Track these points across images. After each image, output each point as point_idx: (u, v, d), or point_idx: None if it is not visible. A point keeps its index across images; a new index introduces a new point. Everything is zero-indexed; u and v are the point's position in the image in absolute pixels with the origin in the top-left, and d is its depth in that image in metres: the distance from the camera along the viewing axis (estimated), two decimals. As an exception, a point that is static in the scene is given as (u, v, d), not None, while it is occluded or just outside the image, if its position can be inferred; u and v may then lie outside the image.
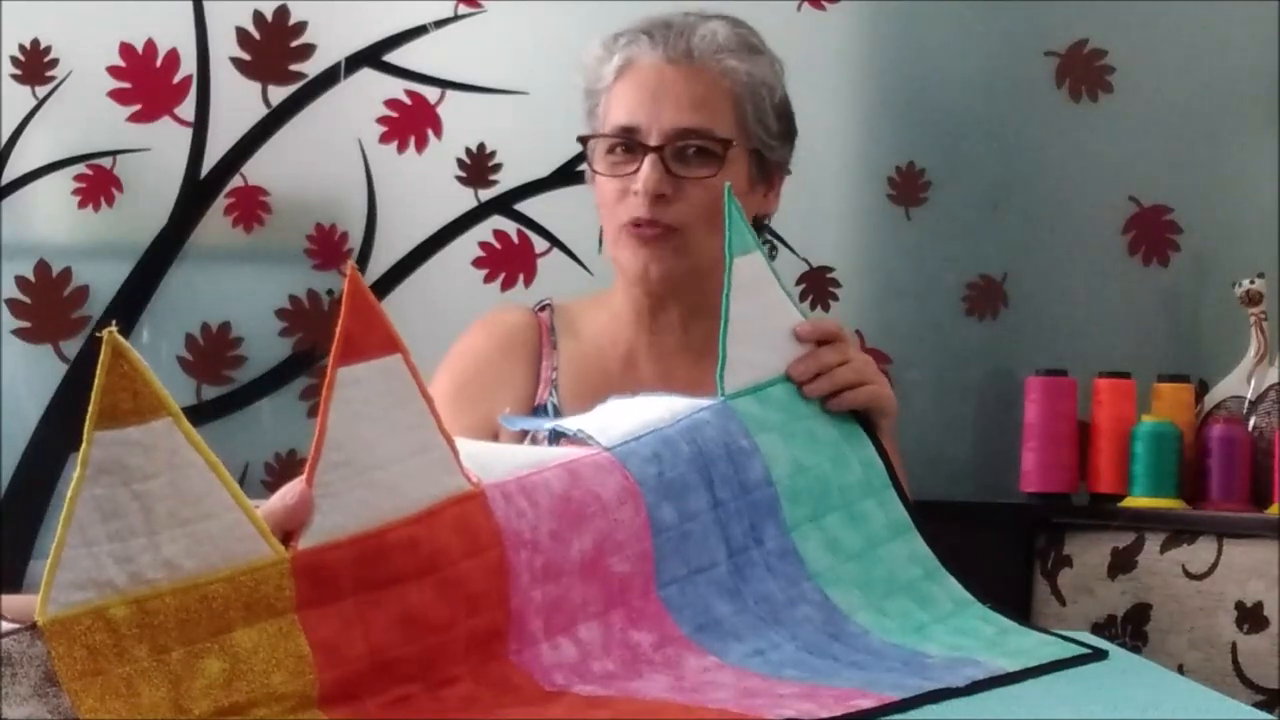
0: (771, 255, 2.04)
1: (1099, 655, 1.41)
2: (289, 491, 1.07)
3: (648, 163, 1.83)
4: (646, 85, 1.87)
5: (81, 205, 2.63)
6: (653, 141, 1.84)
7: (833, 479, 1.46)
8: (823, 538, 1.42)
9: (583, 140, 1.92)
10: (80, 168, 2.64)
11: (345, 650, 1.06)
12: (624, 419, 1.39)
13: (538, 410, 1.94)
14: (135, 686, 0.96)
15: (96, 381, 0.97)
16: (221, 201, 2.64)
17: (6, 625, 0.97)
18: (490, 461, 1.24)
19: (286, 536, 1.07)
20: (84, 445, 0.97)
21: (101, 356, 0.97)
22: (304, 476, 1.08)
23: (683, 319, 1.96)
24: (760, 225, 2.02)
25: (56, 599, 0.97)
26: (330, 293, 2.64)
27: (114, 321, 1.00)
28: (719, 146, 1.86)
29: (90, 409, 0.97)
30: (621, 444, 1.34)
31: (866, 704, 1.16)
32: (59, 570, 0.97)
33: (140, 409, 0.98)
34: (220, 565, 1.01)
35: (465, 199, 2.67)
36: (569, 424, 1.41)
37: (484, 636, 1.16)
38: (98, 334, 0.97)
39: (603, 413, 1.44)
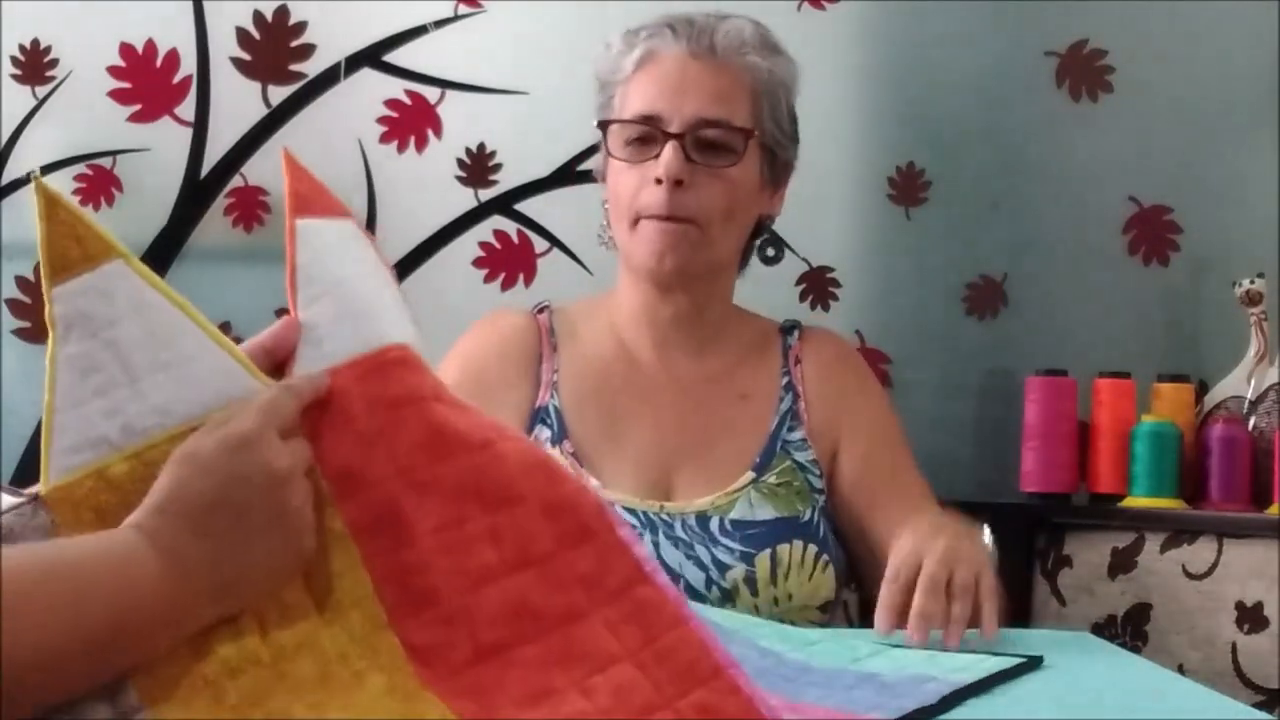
0: (777, 257, 2.04)
1: (1034, 663, 1.41)
2: (271, 328, 1.04)
3: (669, 149, 1.83)
4: (669, 76, 1.88)
5: (81, 205, 2.62)
6: (674, 129, 1.85)
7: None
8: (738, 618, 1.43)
9: (602, 125, 1.91)
10: (80, 168, 2.64)
11: (368, 473, 0.98)
12: None
13: (539, 413, 1.93)
14: None
15: (39, 235, 0.95)
16: (221, 201, 2.64)
17: (6, 499, 0.95)
18: None
19: (278, 370, 1.02)
20: (46, 307, 0.95)
21: (36, 207, 0.96)
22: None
23: (688, 314, 1.97)
24: (764, 226, 2.02)
25: (56, 466, 0.95)
26: (330, 293, 2.64)
27: (38, 168, 0.97)
28: (739, 138, 1.86)
29: (41, 265, 0.95)
30: None
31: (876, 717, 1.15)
32: (53, 437, 0.94)
33: (89, 254, 0.96)
34: (213, 405, 0.96)
35: (465, 199, 2.67)
36: None
37: (538, 460, 1.04)
38: (30, 175, 0.94)
39: None
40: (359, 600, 0.97)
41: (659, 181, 1.84)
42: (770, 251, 2.05)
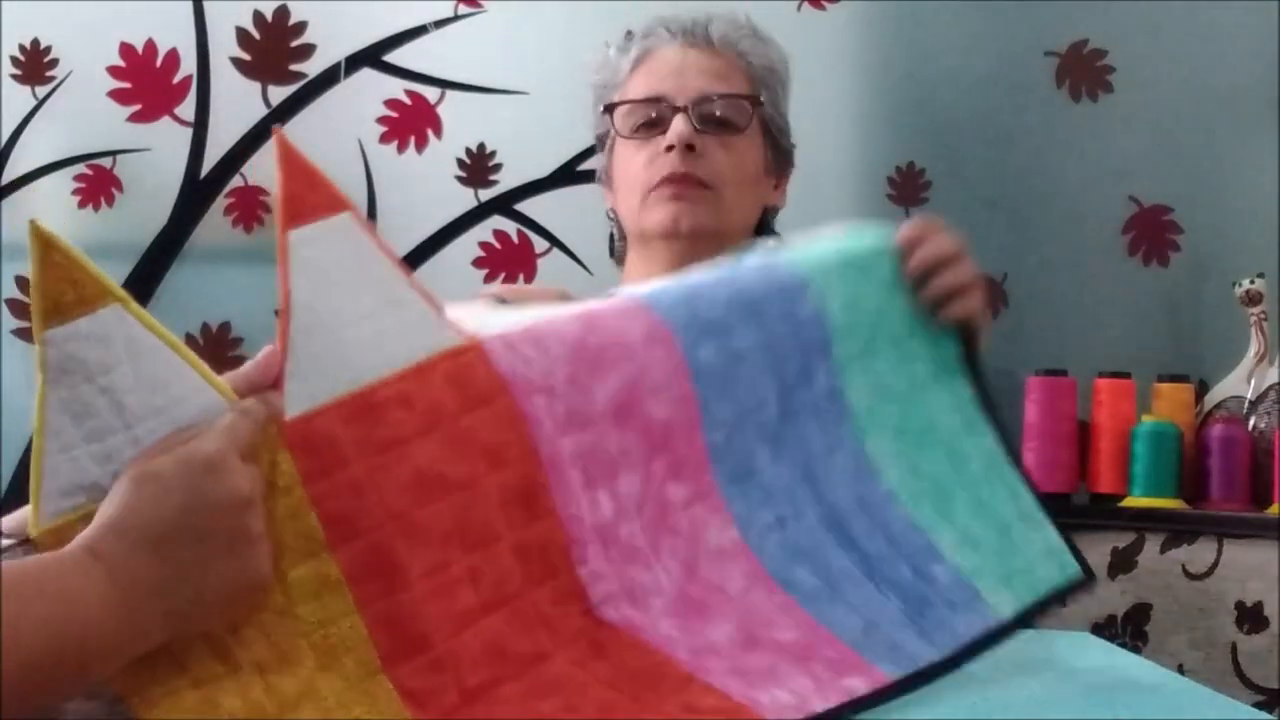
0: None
1: (1088, 580, 1.40)
2: (257, 359, 1.03)
3: (678, 119, 1.84)
4: (669, 64, 1.89)
5: (81, 205, 2.63)
6: (680, 103, 1.85)
7: (886, 313, 1.38)
8: (869, 379, 1.35)
9: (610, 109, 1.92)
10: (80, 168, 2.65)
11: (361, 520, 0.99)
12: (664, 282, 1.32)
13: None
14: None
15: (32, 278, 0.93)
16: (221, 201, 2.65)
17: (5, 541, 0.95)
18: (494, 322, 1.16)
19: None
20: (39, 349, 0.94)
21: (31, 250, 0.93)
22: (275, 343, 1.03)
23: None
24: (768, 219, 2.02)
25: (46, 510, 0.94)
26: (330, 293, 2.64)
27: (33, 219, 0.95)
28: (744, 108, 1.87)
29: (33, 308, 0.94)
30: (649, 291, 1.26)
31: (859, 685, 1.14)
32: (43, 481, 0.94)
33: (84, 298, 0.94)
34: None
35: (465, 199, 2.67)
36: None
37: (519, 492, 1.07)
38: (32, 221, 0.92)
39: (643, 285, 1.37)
40: (353, 646, 0.98)
41: (670, 149, 1.85)
42: (772, 246, 2.05)
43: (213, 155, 2.65)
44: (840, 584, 1.24)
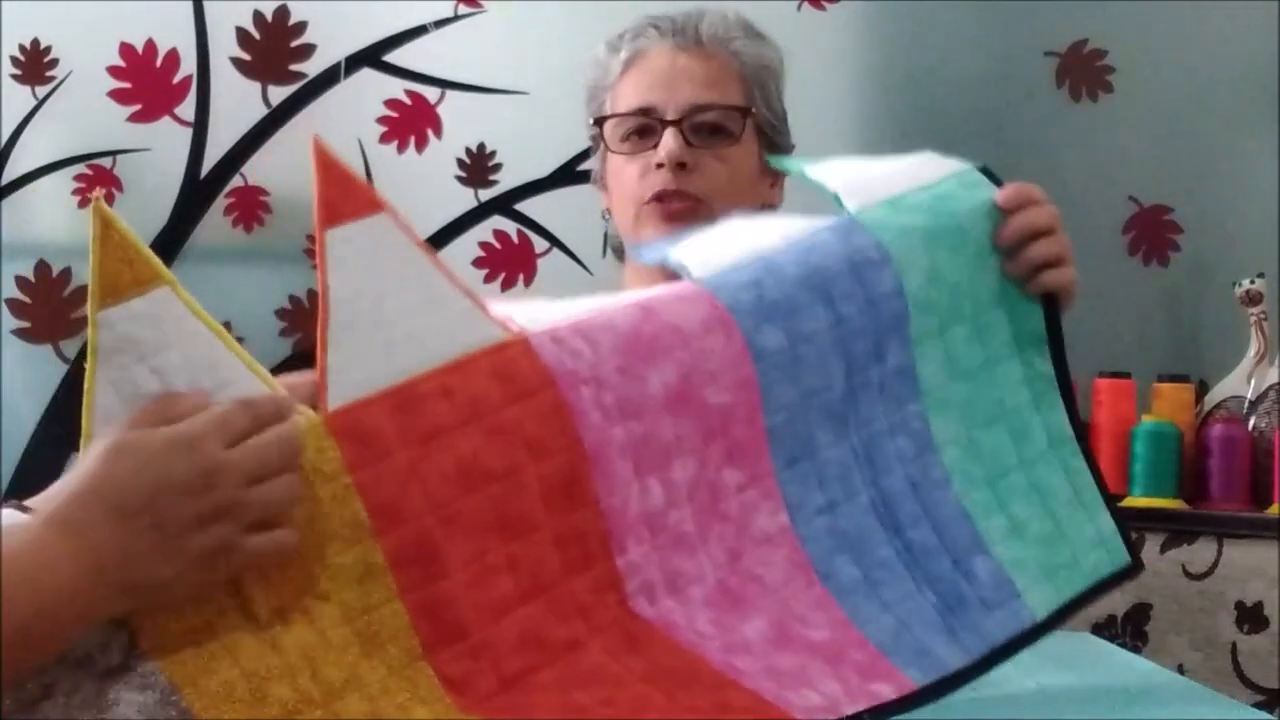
0: None
1: (1136, 567, 1.38)
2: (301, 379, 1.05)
3: (668, 134, 1.83)
4: (659, 70, 1.88)
5: (81, 205, 2.63)
6: (670, 116, 1.85)
7: (966, 287, 1.36)
8: (943, 354, 1.34)
9: (599, 122, 1.92)
10: (80, 168, 2.64)
11: (404, 508, 1.00)
12: (732, 247, 1.31)
13: None
14: None
15: (92, 258, 0.95)
16: (221, 201, 2.65)
17: (7, 514, 0.95)
18: (546, 316, 1.16)
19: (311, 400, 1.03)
20: (90, 330, 0.94)
21: (92, 229, 0.95)
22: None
23: None
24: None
25: None
26: (330, 293, 2.64)
27: (97, 193, 0.97)
28: (736, 118, 1.86)
29: (90, 287, 0.95)
30: (714, 275, 1.25)
31: (886, 691, 1.14)
32: None
33: (140, 279, 0.97)
34: None
35: (465, 199, 2.67)
36: (670, 256, 1.33)
37: (561, 482, 1.08)
38: (89, 197, 0.93)
39: (710, 240, 1.35)
40: (396, 633, 0.99)
41: (660, 166, 1.84)
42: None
43: (213, 155, 2.65)
44: (878, 577, 1.24)
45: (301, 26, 2.67)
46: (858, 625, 1.20)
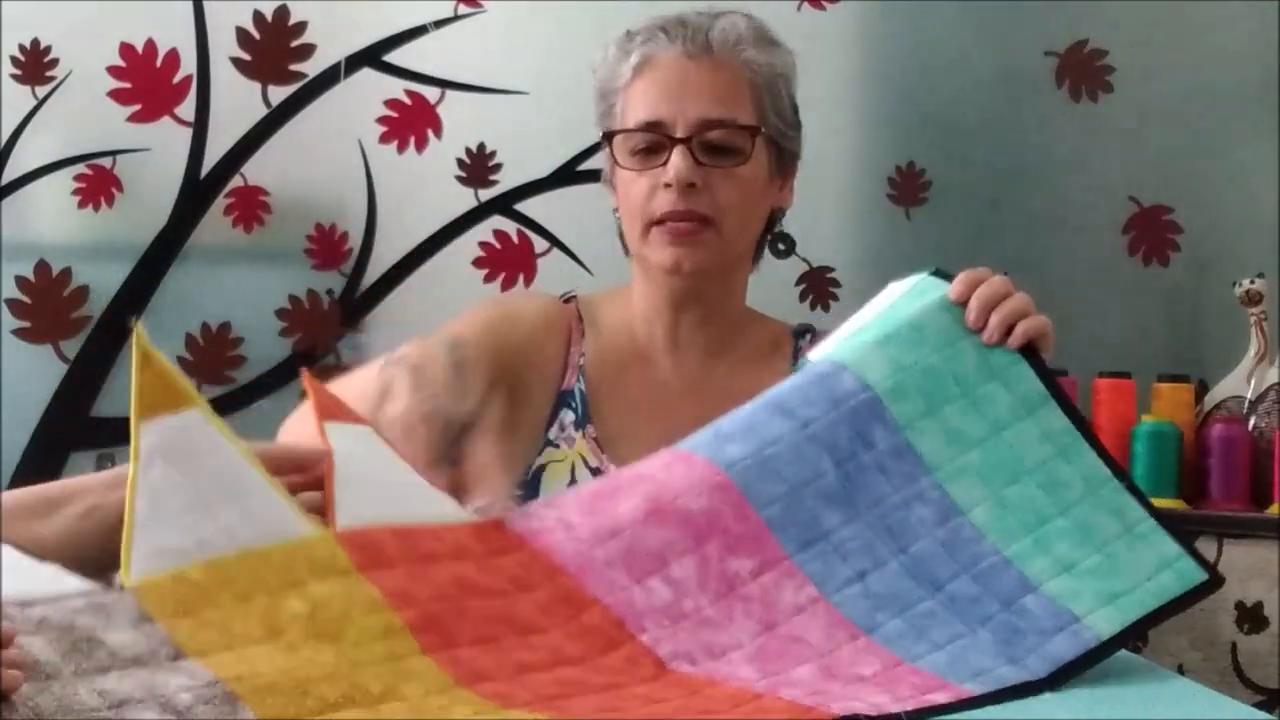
0: (788, 250, 2.03)
1: (1214, 583, 1.37)
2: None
3: (676, 153, 1.82)
4: (668, 80, 1.86)
5: (81, 205, 2.63)
6: (679, 133, 1.83)
7: (943, 369, 1.42)
8: (941, 430, 1.38)
9: (608, 136, 1.91)
10: (80, 168, 2.64)
11: (416, 595, 1.12)
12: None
13: (564, 395, 1.93)
14: (227, 622, 1.05)
15: (134, 380, 1.08)
16: (221, 201, 2.65)
17: (9, 555, 1.09)
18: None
19: (315, 483, 1.18)
20: (133, 437, 1.08)
21: (134, 357, 1.08)
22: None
23: (703, 316, 1.95)
24: (776, 219, 2.02)
25: (139, 566, 1.06)
26: (330, 293, 2.64)
27: (134, 318, 1.09)
28: (745, 137, 1.86)
29: (133, 404, 1.08)
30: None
31: (942, 698, 1.15)
32: (134, 540, 1.06)
33: (175, 400, 1.10)
34: (273, 538, 1.11)
35: (465, 199, 2.67)
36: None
37: (556, 600, 1.19)
38: (127, 326, 1.08)
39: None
40: (422, 674, 1.08)
41: (669, 186, 1.83)
42: (781, 246, 2.04)
43: (213, 155, 2.65)
44: (925, 624, 1.25)
45: (301, 26, 2.67)
46: (909, 661, 1.21)
